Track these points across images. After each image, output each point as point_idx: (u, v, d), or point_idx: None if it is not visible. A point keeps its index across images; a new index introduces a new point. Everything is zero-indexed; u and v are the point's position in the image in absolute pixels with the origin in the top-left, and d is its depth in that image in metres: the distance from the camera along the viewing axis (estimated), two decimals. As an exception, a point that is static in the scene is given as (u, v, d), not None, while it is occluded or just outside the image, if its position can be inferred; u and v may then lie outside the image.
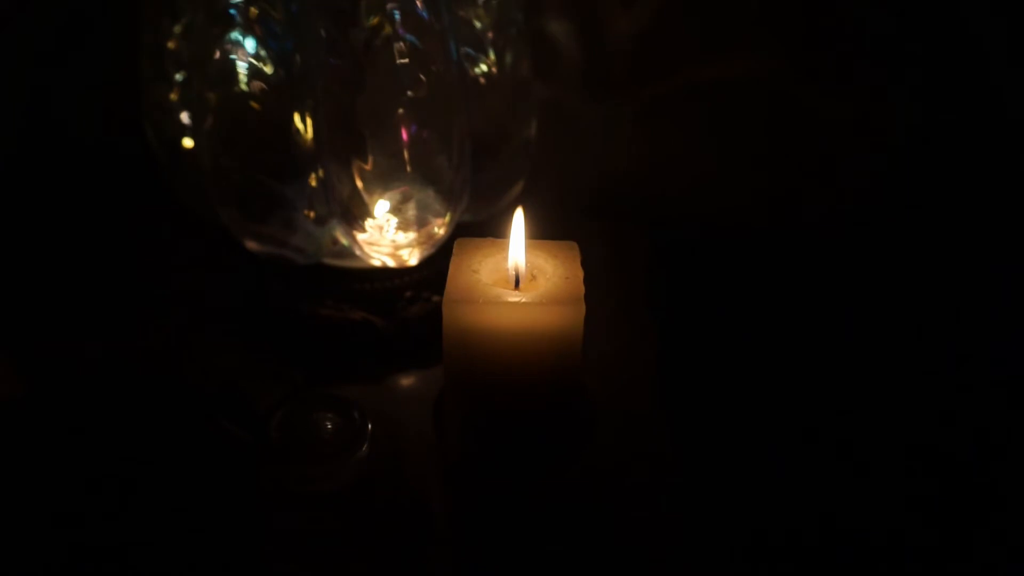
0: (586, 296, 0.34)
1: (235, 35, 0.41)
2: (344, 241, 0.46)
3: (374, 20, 0.40)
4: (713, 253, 0.57)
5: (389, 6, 0.40)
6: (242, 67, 0.41)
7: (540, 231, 0.38)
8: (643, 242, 0.58)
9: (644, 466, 0.43)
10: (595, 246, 0.40)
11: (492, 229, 0.42)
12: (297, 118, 0.42)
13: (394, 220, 0.45)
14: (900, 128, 0.56)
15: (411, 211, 0.45)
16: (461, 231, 0.46)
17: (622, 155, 0.60)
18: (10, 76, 0.59)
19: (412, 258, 0.47)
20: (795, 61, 0.56)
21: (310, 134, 0.42)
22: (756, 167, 0.59)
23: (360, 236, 0.45)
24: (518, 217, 0.36)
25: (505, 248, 0.37)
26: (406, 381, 0.49)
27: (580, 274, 0.36)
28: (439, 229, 0.46)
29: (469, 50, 0.45)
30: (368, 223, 0.45)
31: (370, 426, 0.38)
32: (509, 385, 0.35)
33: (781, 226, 0.59)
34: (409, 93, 0.42)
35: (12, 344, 0.47)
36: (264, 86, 0.41)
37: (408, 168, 0.43)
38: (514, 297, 0.34)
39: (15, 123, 0.60)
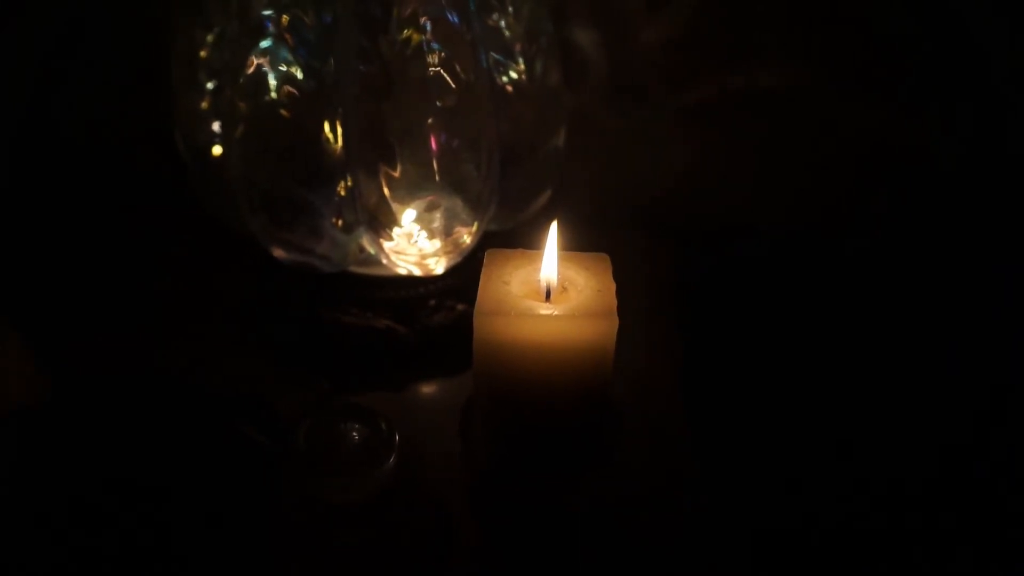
0: (618, 309, 0.34)
1: (267, 44, 0.41)
2: (371, 249, 0.46)
3: (407, 32, 0.40)
4: (744, 265, 0.57)
5: (422, 20, 0.40)
6: (273, 76, 0.41)
7: (570, 242, 0.38)
8: (673, 253, 0.58)
9: (670, 478, 0.42)
10: (625, 257, 0.40)
11: (519, 239, 0.42)
12: (327, 126, 0.42)
13: (421, 229, 0.45)
14: (928, 139, 0.56)
15: (438, 220, 0.45)
16: (488, 240, 0.46)
17: (653, 165, 0.60)
18: (10, 76, 0.59)
19: (438, 267, 0.47)
20: (825, 70, 0.56)
21: (339, 142, 0.42)
22: (787, 177, 0.59)
23: (387, 244, 0.45)
24: (552, 230, 0.36)
25: (536, 260, 0.37)
26: (429, 389, 0.49)
27: (612, 287, 0.35)
28: (466, 238, 0.46)
29: (499, 58, 0.45)
30: (395, 231, 0.45)
31: (397, 438, 0.38)
32: (539, 397, 0.35)
33: (812, 238, 0.58)
34: (438, 102, 0.42)
35: (37, 350, 0.47)
36: (295, 93, 0.41)
37: (436, 177, 0.43)
38: (545, 310, 0.34)
39: (15, 124, 0.60)
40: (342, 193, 0.43)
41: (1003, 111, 0.54)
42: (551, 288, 0.36)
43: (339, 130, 0.42)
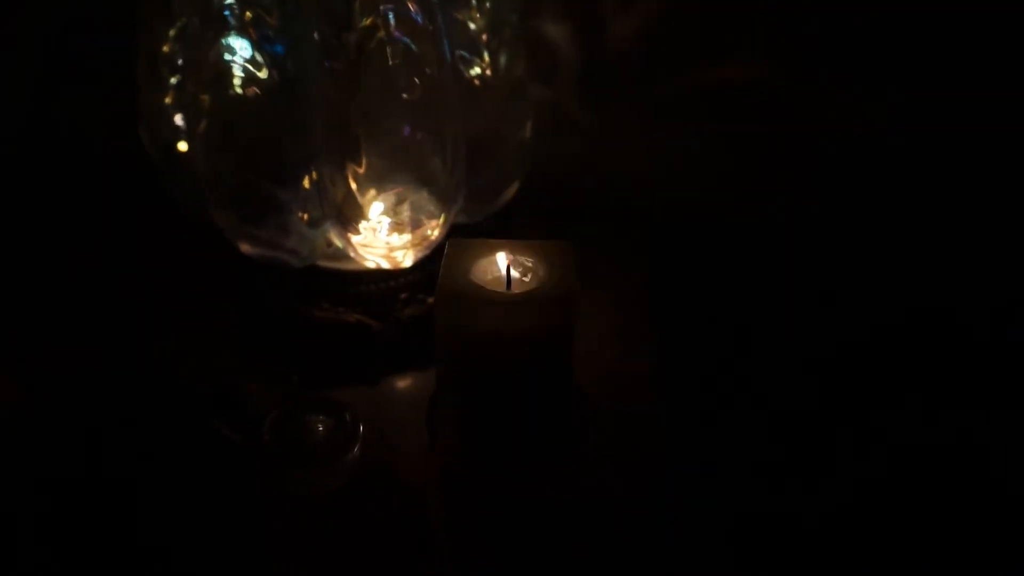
0: (582, 296, 0.34)
1: (229, 38, 0.41)
2: (338, 243, 0.46)
3: (367, 20, 0.40)
4: (712, 254, 0.57)
5: (383, 7, 0.40)
6: (236, 70, 0.41)
7: (536, 232, 0.38)
8: (642, 243, 0.58)
9: (640, 465, 0.42)
10: (593, 248, 0.40)
11: (486, 230, 0.42)
12: (291, 120, 0.42)
13: (388, 222, 0.45)
14: (899, 130, 0.56)
15: (405, 213, 0.45)
16: (456, 232, 0.46)
17: (626, 158, 0.60)
18: (10, 77, 0.59)
19: (407, 260, 0.47)
20: (794, 63, 0.56)
21: (304, 137, 0.42)
22: (755, 169, 0.59)
23: (354, 238, 0.45)
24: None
25: (496, 248, 0.37)
26: (401, 382, 0.49)
27: (572, 273, 0.35)
28: (433, 231, 0.46)
29: (463, 53, 0.45)
30: (362, 225, 0.45)
31: (362, 428, 0.38)
32: (501, 383, 0.35)
33: (780, 227, 0.58)
34: (404, 95, 0.42)
35: (9, 350, 0.47)
36: (258, 88, 0.41)
37: (403, 170, 0.43)
38: (505, 296, 0.34)
39: (15, 124, 0.60)
40: (307, 187, 0.43)
41: (998, 108, 0.54)
42: (512, 274, 0.36)
43: (303, 125, 0.42)
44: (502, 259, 0.36)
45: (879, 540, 0.39)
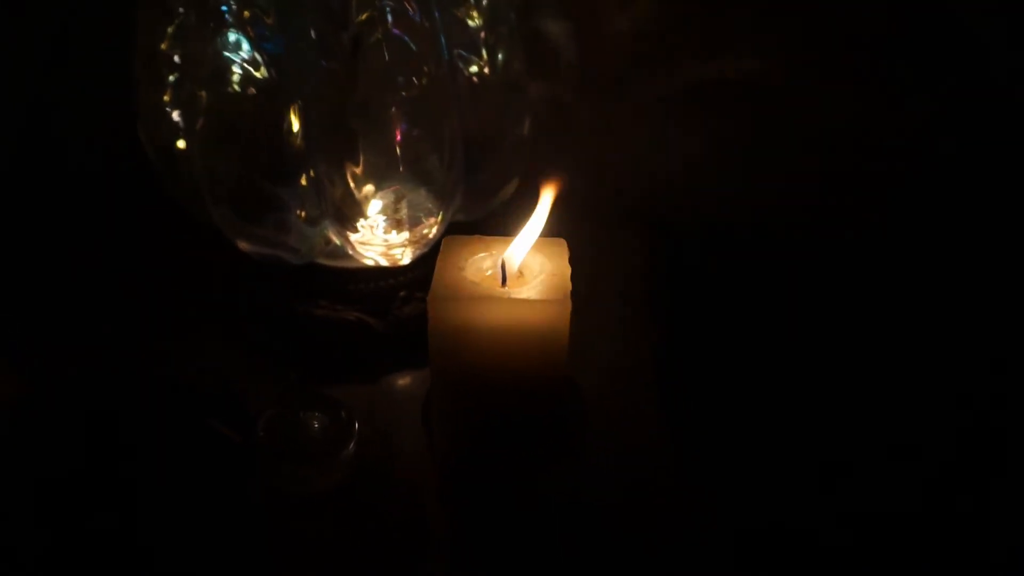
0: (581, 295, 0.34)
1: (227, 36, 0.41)
2: (337, 241, 0.46)
3: (364, 16, 0.40)
4: (712, 253, 0.56)
5: (380, 4, 0.40)
6: (234, 68, 0.41)
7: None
8: (641, 242, 0.58)
9: (638, 465, 0.42)
10: (592, 246, 0.40)
11: (484, 227, 0.42)
12: (289, 118, 0.42)
13: (385, 220, 0.45)
14: (900, 129, 0.55)
15: (403, 211, 0.45)
16: (454, 230, 0.46)
17: (620, 155, 0.60)
18: (8, 78, 0.59)
19: (405, 257, 0.47)
20: (794, 60, 0.56)
21: (301, 135, 0.42)
22: (754, 167, 0.59)
23: (353, 236, 0.45)
24: (543, 207, 0.36)
25: (492, 246, 0.37)
26: (400, 381, 0.49)
27: (567, 271, 0.35)
28: (431, 229, 0.46)
29: (461, 51, 0.45)
30: (360, 223, 0.45)
31: (357, 425, 0.38)
32: (495, 382, 0.35)
33: (781, 227, 0.58)
34: (401, 93, 0.42)
35: (7, 346, 0.47)
36: (255, 86, 0.41)
37: (400, 168, 0.43)
38: (500, 293, 0.34)
39: (13, 124, 0.61)
40: (304, 184, 0.43)
41: (1000, 103, 0.53)
42: (507, 272, 0.36)
43: (301, 122, 0.42)
44: (498, 256, 0.36)
45: (889, 546, 0.39)
